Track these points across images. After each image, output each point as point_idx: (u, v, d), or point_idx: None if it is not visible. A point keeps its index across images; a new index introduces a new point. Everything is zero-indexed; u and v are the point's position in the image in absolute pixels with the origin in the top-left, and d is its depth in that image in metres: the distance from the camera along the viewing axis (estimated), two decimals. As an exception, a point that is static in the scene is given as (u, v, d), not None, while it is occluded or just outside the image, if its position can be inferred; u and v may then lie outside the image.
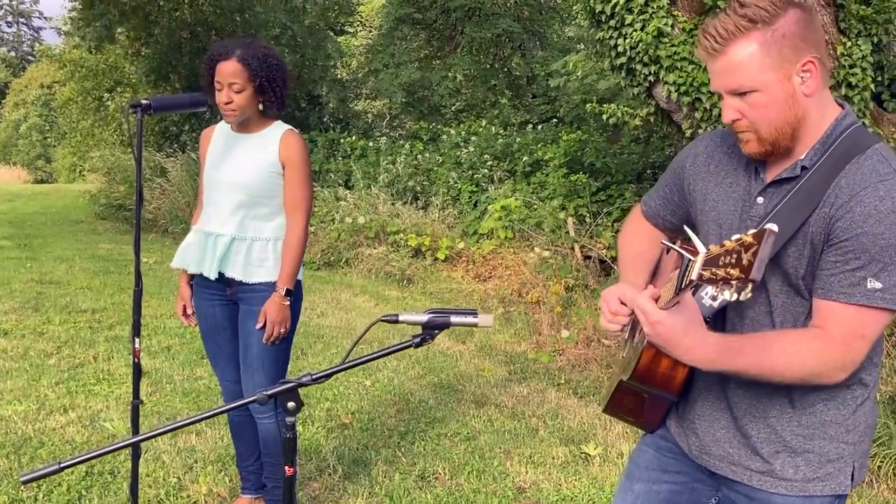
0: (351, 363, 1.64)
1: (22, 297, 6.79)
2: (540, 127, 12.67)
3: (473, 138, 12.02)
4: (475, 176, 10.70)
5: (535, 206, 8.84)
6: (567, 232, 8.13)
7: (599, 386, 5.01)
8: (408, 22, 15.86)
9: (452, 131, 12.42)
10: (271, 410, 2.86)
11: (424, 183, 11.16)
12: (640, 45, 5.47)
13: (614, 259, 7.76)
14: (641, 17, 5.48)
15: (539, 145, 10.98)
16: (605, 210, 8.58)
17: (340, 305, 7.10)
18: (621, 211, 8.58)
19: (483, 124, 12.49)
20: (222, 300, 2.90)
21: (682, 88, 5.48)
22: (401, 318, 1.63)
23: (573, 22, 21.51)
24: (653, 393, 1.71)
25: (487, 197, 9.79)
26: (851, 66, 5.10)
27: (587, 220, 8.48)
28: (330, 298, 7.22)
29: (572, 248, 7.93)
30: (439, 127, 13.62)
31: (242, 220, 2.80)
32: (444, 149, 11.91)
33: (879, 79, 5.36)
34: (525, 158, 10.58)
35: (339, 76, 18.00)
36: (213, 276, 2.81)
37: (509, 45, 16.61)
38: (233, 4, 13.71)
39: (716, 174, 1.70)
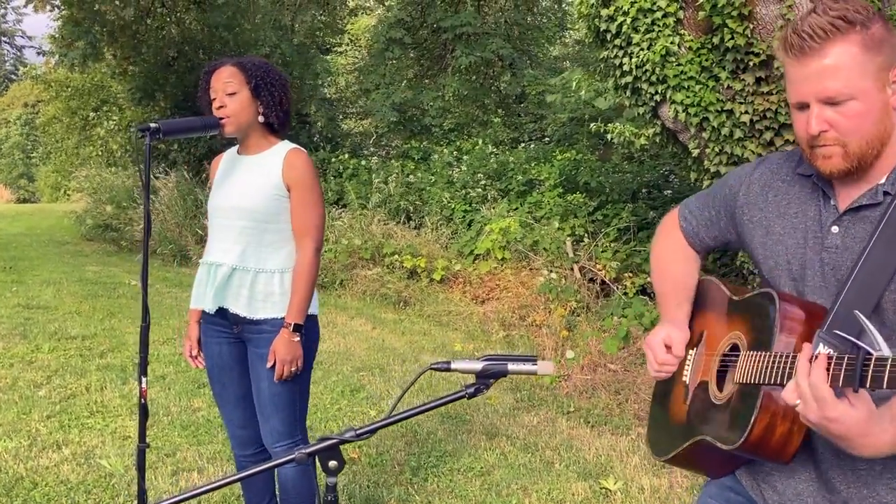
0: (398, 416, 1.48)
1: (9, 322, 6.58)
2: (532, 146, 12.59)
3: (465, 157, 11.93)
4: (469, 195, 10.59)
5: (533, 227, 8.72)
6: (566, 253, 8.01)
7: (610, 414, 4.86)
8: (398, 43, 15.77)
9: (445, 151, 12.31)
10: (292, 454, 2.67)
11: (417, 202, 11.04)
12: (648, 64, 5.38)
13: (615, 281, 7.65)
14: (648, 35, 5.39)
15: (532, 164, 10.90)
16: (602, 230, 8.48)
17: (337, 329, 6.92)
18: (618, 231, 8.49)
19: (478, 143, 12.38)
20: (229, 338, 2.69)
21: (690, 109, 5.39)
22: (453, 365, 1.48)
23: (559, 41, 21.60)
24: (754, 458, 1.54)
25: (482, 216, 9.67)
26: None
27: (585, 240, 8.37)
28: (325, 322, 7.04)
29: (571, 270, 7.81)
30: (430, 146, 13.52)
31: (245, 248, 2.58)
32: (436, 168, 11.80)
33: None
34: (519, 178, 10.49)
35: (327, 95, 17.88)
36: (210, 308, 2.60)
37: (500, 64, 16.56)
38: (221, 23, 13.58)
39: (776, 204, 1.57)
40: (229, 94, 2.52)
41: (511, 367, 1.47)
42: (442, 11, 15.77)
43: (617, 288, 7.45)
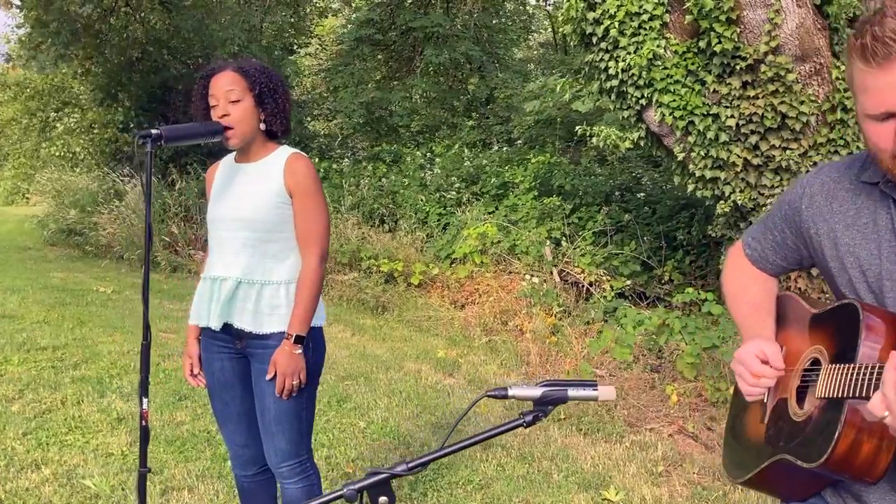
0: (453, 447, 1.39)
1: (-27, 333, 6.34)
2: (505, 148, 12.54)
3: (438, 160, 11.85)
4: (443, 198, 10.51)
5: (510, 231, 8.66)
6: (542, 256, 7.96)
7: (601, 421, 4.80)
8: (367, 42, 15.64)
9: (418, 153, 12.21)
10: (298, 475, 2.55)
11: (390, 205, 10.92)
12: (634, 67, 5.34)
13: (593, 284, 7.61)
14: (635, 39, 5.36)
15: (506, 167, 10.85)
16: (579, 234, 8.45)
17: (316, 336, 6.78)
18: (594, 234, 8.47)
19: (451, 147, 12.30)
20: (231, 354, 2.56)
21: (676, 112, 5.36)
22: (510, 392, 1.39)
23: (524, 43, 21.62)
24: (838, 477, 1.46)
25: (458, 219, 9.59)
26: (846, 90, 5.03)
27: (563, 244, 8.34)
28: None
29: (551, 274, 7.76)
30: (401, 148, 13.41)
31: (249, 260, 2.46)
32: (409, 170, 11.70)
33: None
34: (493, 180, 10.43)
35: (294, 97, 17.67)
36: (216, 325, 2.47)
37: (468, 66, 16.51)
38: (187, 24, 13.32)
39: (842, 214, 1.50)
40: (232, 101, 2.40)
41: (571, 392, 1.39)
42: (411, 13, 15.68)
43: (596, 291, 7.42)
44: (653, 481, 3.88)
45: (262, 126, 2.50)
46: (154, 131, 2.24)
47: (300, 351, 2.45)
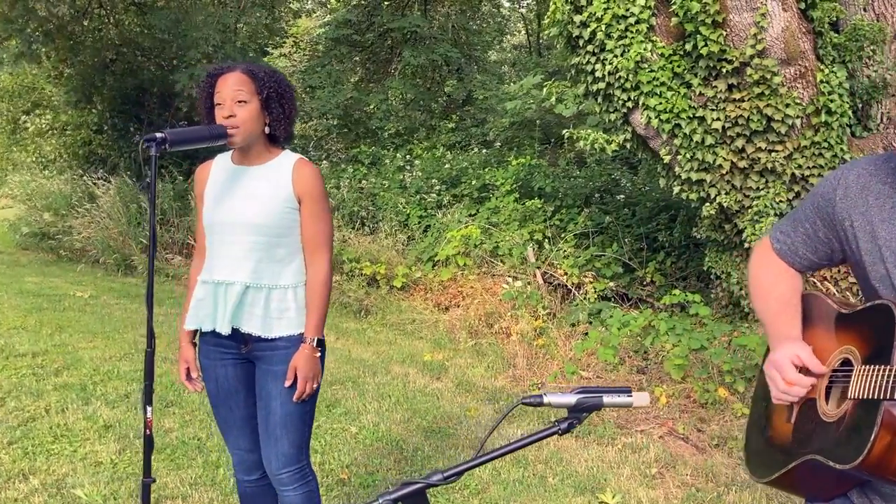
0: (488, 455, 1.37)
1: (-50, 340, 6.21)
2: (485, 151, 12.55)
3: (417, 162, 11.82)
4: (423, 200, 10.48)
5: (492, 233, 8.66)
6: (525, 258, 7.97)
7: (591, 423, 4.80)
8: (345, 43, 15.57)
9: (398, 155, 12.18)
10: (298, 482, 2.53)
11: (370, 208, 10.87)
12: (621, 70, 5.36)
13: (577, 286, 7.64)
14: (621, 42, 5.38)
15: (486, 169, 10.85)
16: (561, 236, 8.47)
17: (300, 340, 6.72)
18: (575, 237, 8.50)
19: (431, 148, 12.29)
20: (235, 359, 2.54)
21: (663, 115, 5.39)
22: (545, 399, 1.38)
23: (497, 45, 21.67)
24: (871, 478, 1.45)
25: (439, 222, 9.58)
26: (830, 93, 5.09)
27: (545, 246, 8.35)
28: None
29: (534, 276, 7.77)
30: (379, 150, 13.36)
31: (257, 265, 2.44)
32: (388, 172, 11.66)
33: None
34: (473, 182, 10.42)
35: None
36: (225, 330, 2.44)
37: (446, 68, 16.49)
38: (162, 24, 13.15)
39: (878, 208, 1.50)
40: (239, 102, 2.37)
41: (606, 399, 1.38)
42: (388, 14, 15.64)
43: (578, 293, 7.44)
44: (647, 483, 3.89)
45: (266, 130, 2.48)
46: (159, 135, 2.21)
47: (319, 354, 2.49)
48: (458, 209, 9.82)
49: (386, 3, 16.14)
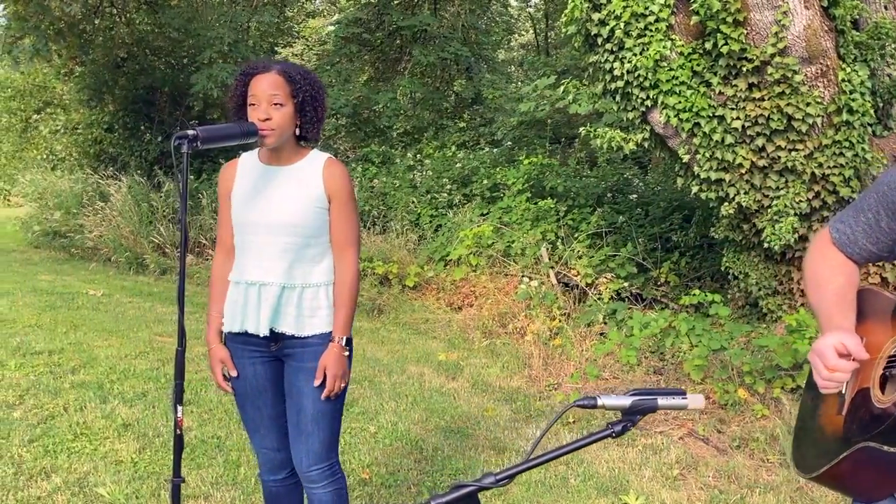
0: (540, 458, 1.34)
1: (-35, 337, 6.21)
2: (496, 150, 12.52)
3: (427, 161, 11.80)
4: (434, 199, 10.46)
5: (504, 233, 8.63)
6: (539, 258, 7.94)
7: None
8: (354, 42, 15.55)
9: (409, 155, 12.16)
10: (328, 479, 2.52)
11: (381, 207, 10.86)
12: (640, 69, 5.33)
13: (589, 286, 7.60)
14: (640, 40, 5.34)
15: (497, 169, 10.83)
16: (574, 236, 8.44)
17: (314, 340, 6.71)
18: (588, 236, 8.46)
19: (441, 148, 12.26)
20: (264, 357, 2.53)
21: (682, 114, 5.35)
22: (599, 402, 1.36)
23: (505, 45, 21.64)
24: None
25: (451, 221, 9.55)
26: (852, 92, 5.05)
27: (558, 246, 8.32)
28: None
29: (547, 276, 7.74)
30: (389, 149, 13.34)
31: (290, 265, 2.45)
32: (398, 171, 11.65)
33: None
34: (485, 182, 10.40)
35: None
36: (264, 332, 2.45)
37: (455, 67, 16.47)
38: (173, 24, 13.15)
39: None
40: (275, 104, 2.37)
41: (661, 402, 1.35)
42: (398, 14, 15.61)
43: (592, 294, 7.41)
44: (669, 485, 3.86)
45: (297, 131, 2.47)
46: (191, 132, 2.19)
47: (348, 353, 2.51)
48: (470, 209, 9.79)
49: (396, 1, 16.12)
